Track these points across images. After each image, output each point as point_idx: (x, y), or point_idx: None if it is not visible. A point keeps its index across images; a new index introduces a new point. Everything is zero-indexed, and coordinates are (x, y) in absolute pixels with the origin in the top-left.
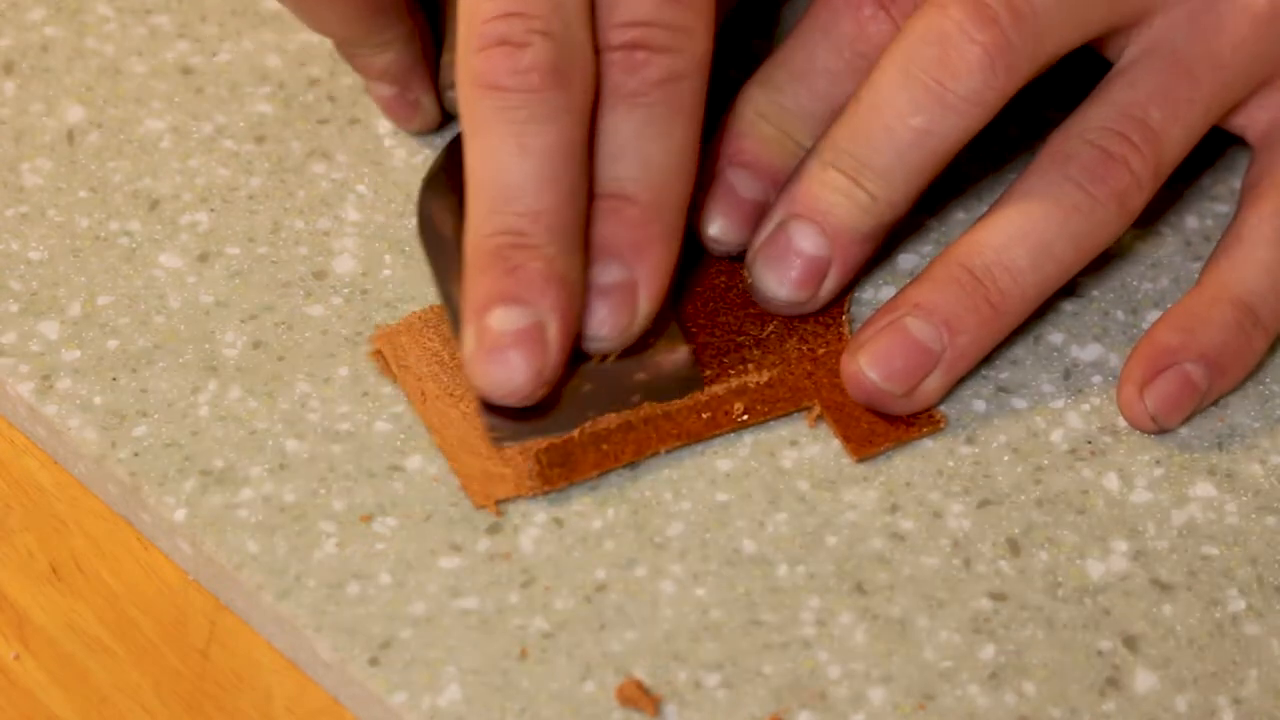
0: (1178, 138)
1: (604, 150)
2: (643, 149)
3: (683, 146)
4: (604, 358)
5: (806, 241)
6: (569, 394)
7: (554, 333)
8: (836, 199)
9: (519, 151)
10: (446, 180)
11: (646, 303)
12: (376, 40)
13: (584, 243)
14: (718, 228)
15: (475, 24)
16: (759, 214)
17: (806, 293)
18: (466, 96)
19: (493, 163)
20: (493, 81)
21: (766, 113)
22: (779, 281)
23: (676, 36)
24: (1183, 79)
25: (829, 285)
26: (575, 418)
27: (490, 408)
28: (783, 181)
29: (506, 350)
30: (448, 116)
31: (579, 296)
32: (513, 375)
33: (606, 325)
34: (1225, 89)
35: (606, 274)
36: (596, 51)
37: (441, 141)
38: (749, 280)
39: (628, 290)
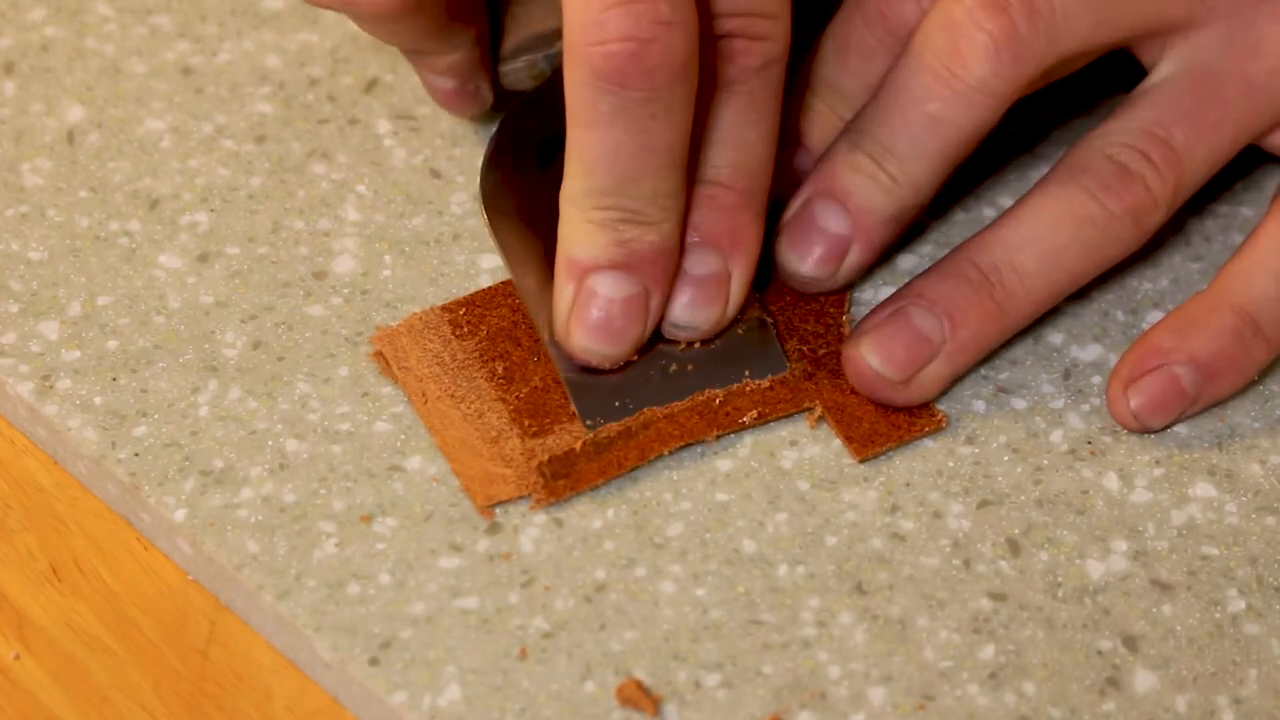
0: (1201, 161)
1: (704, 137)
2: (742, 135)
3: (773, 132)
4: (690, 344)
5: (830, 220)
6: (658, 374)
7: (655, 304)
8: (861, 180)
9: (642, 149)
10: (511, 147)
11: (738, 292)
12: (448, 45)
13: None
14: None
15: (592, 11)
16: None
17: (827, 270)
18: (582, 89)
19: (610, 154)
20: (618, 81)
21: (814, 86)
22: (801, 258)
23: (771, 24)
24: (1212, 101)
25: (850, 264)
26: (668, 397)
27: (582, 397)
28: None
29: (614, 317)
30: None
31: (676, 271)
32: (615, 340)
33: (701, 314)
34: (1256, 114)
35: (703, 264)
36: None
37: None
38: (773, 255)
39: (722, 281)
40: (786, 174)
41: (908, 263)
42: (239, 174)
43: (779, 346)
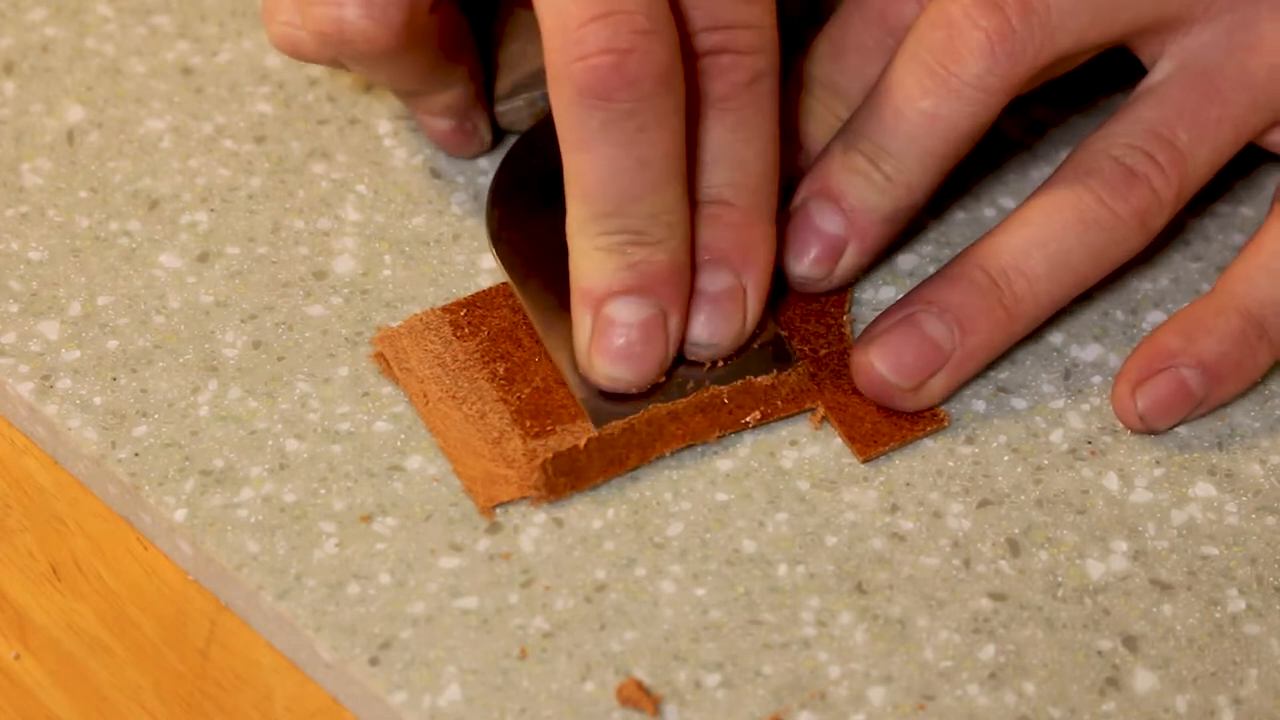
0: (1204, 159)
1: (698, 156)
2: (737, 153)
3: (771, 145)
4: (713, 364)
5: (825, 220)
6: (678, 395)
7: (674, 324)
8: (855, 180)
9: (636, 164)
10: (514, 184)
11: (754, 305)
12: (442, 85)
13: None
14: None
15: (570, 30)
16: None
17: (823, 270)
18: (569, 109)
19: (605, 173)
20: (602, 94)
21: (810, 87)
22: (797, 258)
23: (755, 36)
24: (1214, 99)
25: (846, 264)
26: (673, 395)
27: (592, 397)
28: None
29: (635, 341)
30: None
31: (689, 290)
32: (639, 365)
33: (719, 332)
34: (1257, 111)
35: (715, 281)
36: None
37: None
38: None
39: (736, 296)
40: (789, 175)
41: (908, 263)
42: (239, 174)
43: (796, 361)
